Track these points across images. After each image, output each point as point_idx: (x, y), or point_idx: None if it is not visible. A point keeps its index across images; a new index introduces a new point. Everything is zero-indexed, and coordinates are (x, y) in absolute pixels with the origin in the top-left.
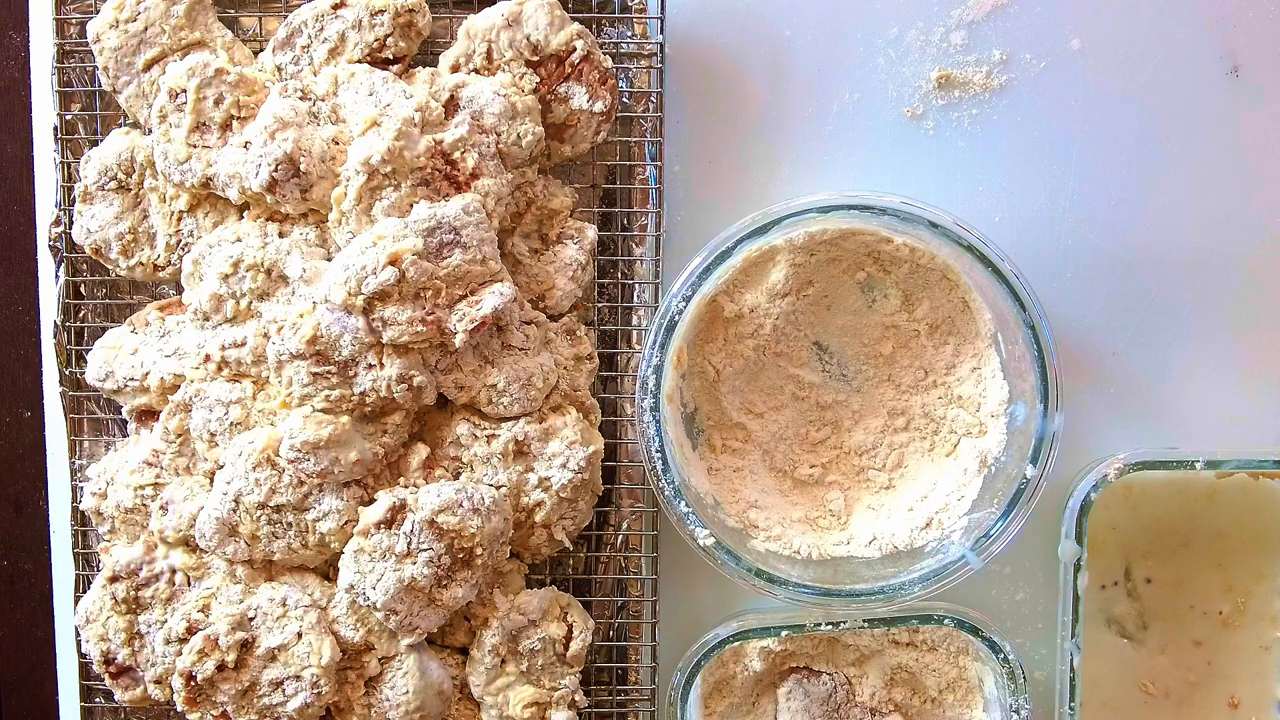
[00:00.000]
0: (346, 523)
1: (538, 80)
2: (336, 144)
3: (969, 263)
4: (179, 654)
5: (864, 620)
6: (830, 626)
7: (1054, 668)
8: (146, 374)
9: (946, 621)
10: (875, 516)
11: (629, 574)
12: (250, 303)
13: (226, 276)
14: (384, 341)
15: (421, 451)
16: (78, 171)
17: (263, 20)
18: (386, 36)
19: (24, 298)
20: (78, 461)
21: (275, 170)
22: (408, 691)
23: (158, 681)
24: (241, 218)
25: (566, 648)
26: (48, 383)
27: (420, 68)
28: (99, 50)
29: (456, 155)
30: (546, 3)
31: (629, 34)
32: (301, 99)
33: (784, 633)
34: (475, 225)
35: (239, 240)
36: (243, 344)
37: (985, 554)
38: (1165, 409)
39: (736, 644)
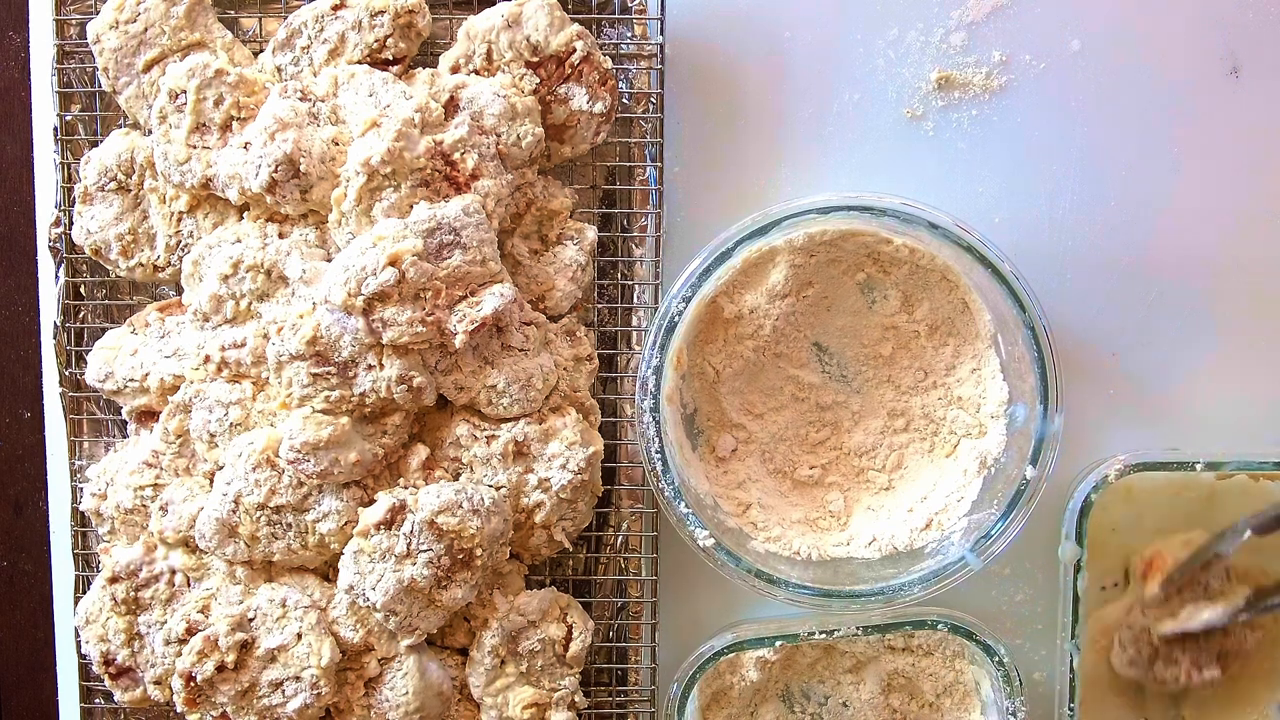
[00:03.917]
0: (346, 523)
1: (538, 81)
2: (336, 145)
3: (969, 263)
4: (179, 655)
5: (858, 627)
6: (825, 635)
7: (1054, 669)
8: (146, 375)
9: (941, 626)
10: (875, 517)
11: (629, 575)
12: (250, 303)
13: (226, 277)
14: (384, 342)
15: (421, 452)
16: (78, 172)
17: (263, 21)
18: (386, 37)
19: (24, 298)
20: (78, 462)
21: (275, 171)
22: (407, 692)
23: (157, 682)
24: (241, 218)
25: (566, 649)
26: (48, 383)
27: (420, 69)
28: (99, 51)
29: (456, 156)
30: (546, 4)
31: (629, 35)
32: (301, 100)
33: (779, 642)
34: (475, 226)
35: (239, 241)
36: (242, 345)
37: (985, 555)
38: (1165, 410)
39: (732, 655)
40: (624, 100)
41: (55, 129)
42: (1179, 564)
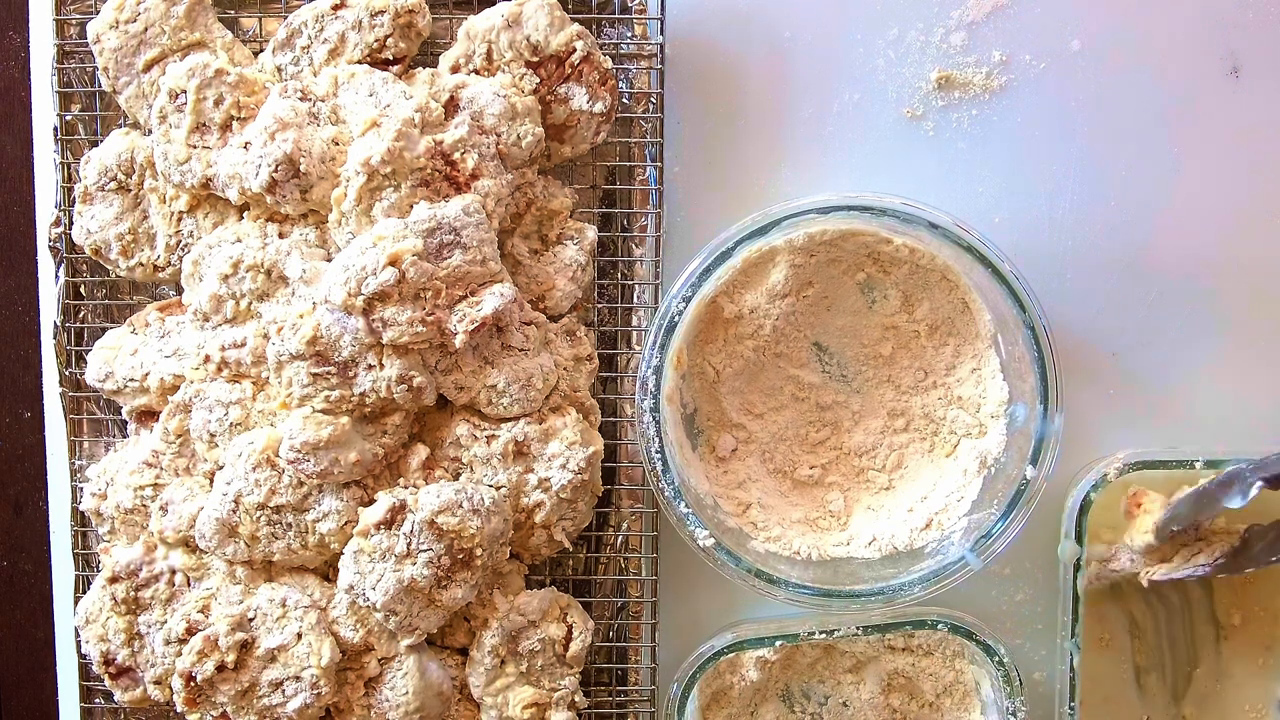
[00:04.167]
0: (346, 523)
1: (538, 81)
2: (336, 144)
3: (969, 263)
4: (179, 654)
5: (858, 627)
6: (825, 635)
7: (1054, 668)
8: (146, 374)
9: (940, 626)
10: (875, 517)
11: (629, 575)
12: (250, 303)
13: (226, 277)
14: (384, 342)
15: (421, 452)
16: (78, 172)
17: (263, 21)
18: (386, 37)
19: (24, 298)
20: (78, 462)
21: (275, 171)
22: (407, 692)
23: (157, 682)
24: (241, 218)
25: (566, 648)
26: (48, 383)
27: (420, 68)
28: (99, 51)
29: (456, 156)
30: (546, 3)
31: (629, 34)
32: (301, 100)
33: (779, 642)
34: (475, 226)
35: (239, 241)
36: (242, 344)
37: (985, 554)
38: (1165, 409)
39: (732, 655)
40: (624, 100)
41: (55, 129)
42: (1174, 510)
